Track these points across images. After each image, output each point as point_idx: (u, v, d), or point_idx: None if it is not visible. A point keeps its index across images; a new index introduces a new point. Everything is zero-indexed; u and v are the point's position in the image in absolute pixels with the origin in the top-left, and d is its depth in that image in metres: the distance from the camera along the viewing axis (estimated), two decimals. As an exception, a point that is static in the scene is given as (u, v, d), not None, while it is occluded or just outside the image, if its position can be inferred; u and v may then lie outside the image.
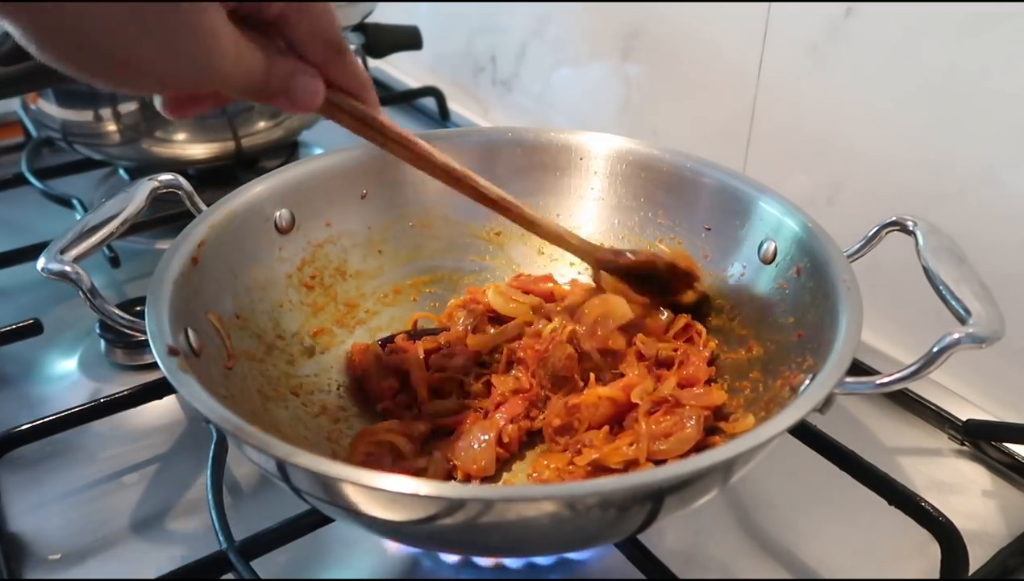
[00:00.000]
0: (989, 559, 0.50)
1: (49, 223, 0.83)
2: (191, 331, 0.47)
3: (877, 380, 0.43)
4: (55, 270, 0.47)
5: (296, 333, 0.58)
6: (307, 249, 0.61)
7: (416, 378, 0.58)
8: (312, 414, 0.55)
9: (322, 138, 1.03)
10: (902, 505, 0.50)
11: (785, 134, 0.77)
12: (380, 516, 0.39)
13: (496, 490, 0.40)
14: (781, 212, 0.56)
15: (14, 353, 0.66)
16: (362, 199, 0.64)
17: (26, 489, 0.56)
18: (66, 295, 0.68)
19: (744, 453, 0.38)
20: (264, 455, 0.37)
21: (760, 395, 0.52)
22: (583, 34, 0.97)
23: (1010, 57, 0.58)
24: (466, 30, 1.16)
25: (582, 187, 0.66)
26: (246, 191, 0.58)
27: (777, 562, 0.51)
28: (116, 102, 0.77)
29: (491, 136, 0.67)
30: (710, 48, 0.82)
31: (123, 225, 0.51)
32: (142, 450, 0.59)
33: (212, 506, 0.49)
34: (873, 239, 0.53)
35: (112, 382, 0.64)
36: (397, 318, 0.64)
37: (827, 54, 0.70)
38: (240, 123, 0.82)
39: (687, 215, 0.62)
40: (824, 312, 0.48)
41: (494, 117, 1.17)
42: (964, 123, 0.62)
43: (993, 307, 0.43)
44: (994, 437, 0.59)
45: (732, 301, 0.59)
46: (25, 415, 0.58)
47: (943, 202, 0.65)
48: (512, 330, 0.61)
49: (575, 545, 0.46)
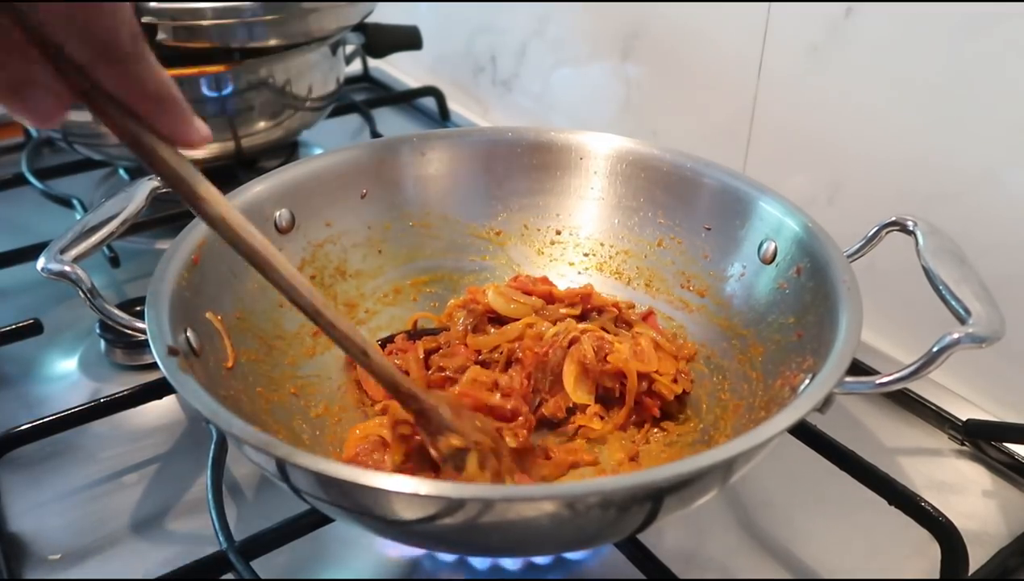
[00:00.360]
0: (989, 559, 0.50)
1: (49, 223, 0.83)
2: (191, 331, 0.47)
3: (877, 380, 0.43)
4: (55, 270, 0.47)
5: (296, 333, 0.58)
6: (307, 249, 0.61)
7: (416, 378, 0.58)
8: (312, 414, 0.55)
9: (322, 138, 1.03)
10: (902, 505, 0.50)
11: (785, 134, 0.77)
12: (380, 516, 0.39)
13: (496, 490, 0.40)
14: (781, 212, 0.56)
15: (14, 353, 0.66)
16: (362, 199, 0.64)
17: (26, 489, 0.56)
18: (66, 295, 0.69)
19: (744, 453, 0.38)
20: (264, 455, 0.37)
21: (760, 395, 0.52)
22: (583, 34, 0.97)
23: (1010, 57, 0.58)
24: (466, 30, 1.16)
25: (582, 187, 0.66)
26: (246, 191, 0.58)
27: (777, 562, 0.51)
28: (116, 102, 0.77)
29: (491, 136, 0.67)
30: (710, 48, 0.82)
31: (123, 225, 0.51)
32: (142, 450, 0.59)
33: (212, 506, 0.49)
34: (873, 239, 0.54)
35: (112, 382, 0.64)
36: (397, 318, 0.64)
37: (827, 54, 0.70)
38: (240, 123, 0.82)
39: (687, 215, 0.62)
40: (824, 312, 0.48)
41: (494, 117, 1.17)
42: (964, 123, 0.62)
43: (993, 307, 0.43)
44: (994, 437, 0.59)
45: (732, 301, 0.59)
46: (25, 415, 0.58)
47: (943, 202, 0.65)
48: (512, 331, 0.61)
49: (575, 545, 0.46)
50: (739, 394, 0.54)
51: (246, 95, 0.80)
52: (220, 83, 0.78)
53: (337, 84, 0.92)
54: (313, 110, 0.90)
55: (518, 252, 0.68)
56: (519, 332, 0.60)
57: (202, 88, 0.78)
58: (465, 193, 0.67)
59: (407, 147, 0.65)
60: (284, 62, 0.81)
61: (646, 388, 0.56)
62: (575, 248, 0.67)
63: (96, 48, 0.34)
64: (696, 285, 0.62)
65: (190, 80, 0.77)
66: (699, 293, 0.61)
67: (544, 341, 0.58)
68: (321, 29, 0.81)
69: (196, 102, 0.79)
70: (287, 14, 0.76)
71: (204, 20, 0.72)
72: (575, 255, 0.67)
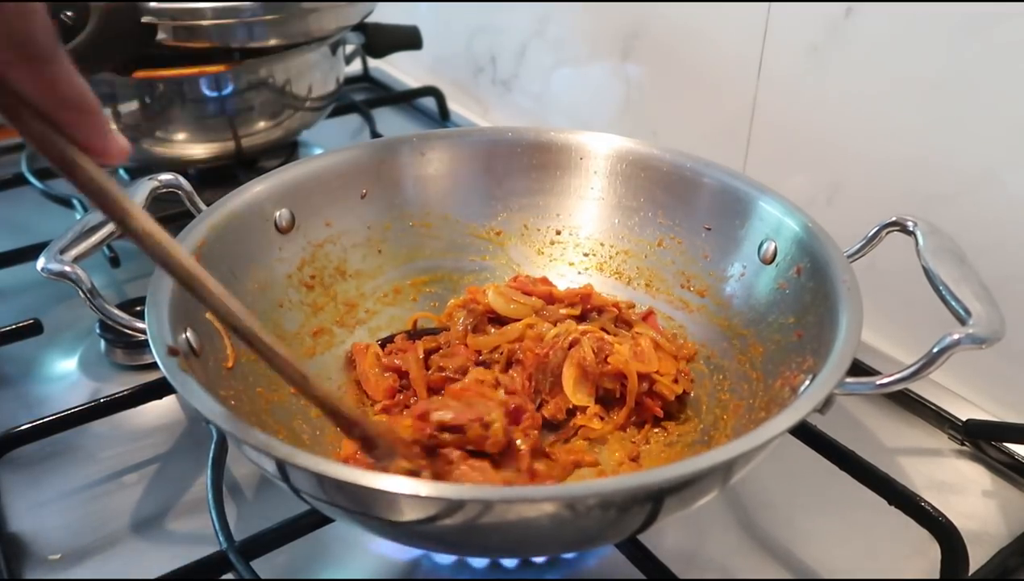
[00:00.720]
0: (989, 559, 0.50)
1: (49, 223, 0.83)
2: (191, 331, 0.47)
3: (877, 380, 0.43)
4: (55, 270, 0.47)
5: (296, 333, 0.58)
6: (307, 249, 0.61)
7: (416, 378, 0.58)
8: (312, 414, 0.55)
9: (322, 138, 1.03)
10: (902, 505, 0.50)
11: (785, 134, 0.77)
12: (380, 516, 0.39)
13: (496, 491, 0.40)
14: (781, 212, 0.56)
15: (14, 353, 0.66)
16: (362, 199, 0.64)
17: (26, 489, 0.56)
18: (66, 295, 0.69)
19: (744, 453, 0.38)
20: (264, 455, 0.37)
21: (760, 395, 0.52)
22: (583, 34, 0.97)
23: (1010, 57, 0.58)
24: (466, 30, 1.16)
25: (582, 187, 0.66)
26: (246, 191, 0.58)
27: (777, 562, 0.51)
28: (116, 102, 0.77)
29: (491, 136, 0.67)
30: (710, 48, 0.82)
31: (123, 225, 0.51)
32: (142, 450, 0.59)
33: (212, 506, 0.49)
34: (873, 239, 0.54)
35: (112, 382, 0.64)
36: (397, 318, 0.64)
37: (827, 54, 0.70)
38: (240, 123, 0.82)
39: (687, 215, 0.62)
40: (824, 312, 0.48)
41: (494, 117, 1.17)
42: (964, 123, 0.62)
43: (993, 308, 0.43)
44: (994, 437, 0.59)
45: (732, 301, 0.59)
46: (25, 415, 0.58)
47: (943, 202, 0.65)
48: (513, 331, 0.61)
49: (575, 545, 0.46)
50: (739, 394, 0.54)
51: (246, 95, 0.80)
52: (220, 83, 0.78)
53: (337, 84, 0.92)
54: (313, 110, 0.90)
55: (518, 252, 0.68)
56: (519, 333, 0.60)
57: (202, 88, 0.78)
58: (465, 193, 0.67)
59: (407, 147, 0.65)
60: (284, 62, 0.81)
61: (647, 388, 0.56)
62: (575, 248, 0.67)
63: (11, 47, 0.32)
64: (696, 285, 0.62)
65: (190, 80, 0.77)
66: (699, 293, 0.61)
67: (544, 342, 0.58)
68: (321, 29, 0.81)
69: (196, 102, 0.79)
70: (287, 14, 0.76)
71: (204, 20, 0.72)
72: (575, 255, 0.67)
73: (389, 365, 0.59)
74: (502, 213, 0.68)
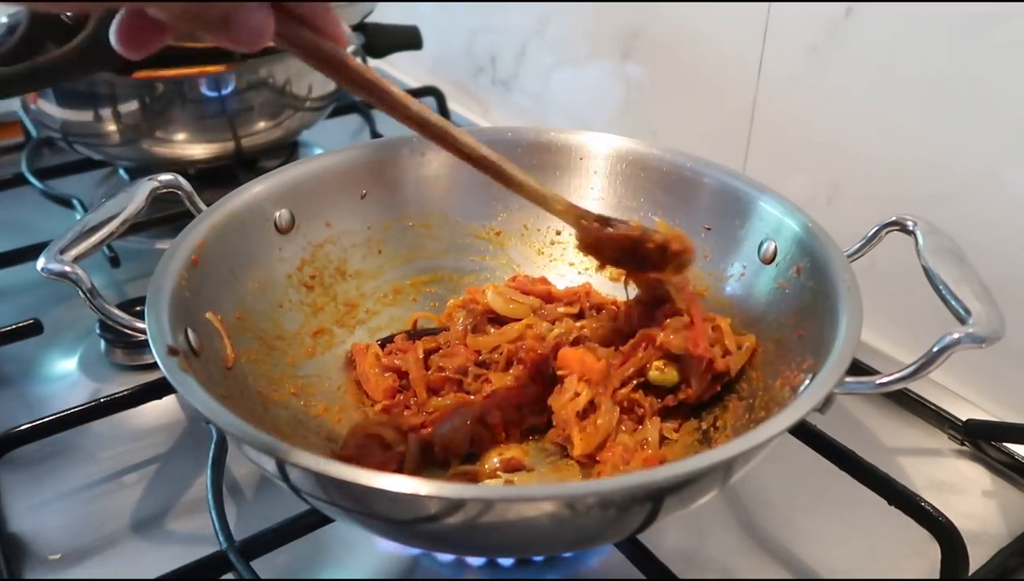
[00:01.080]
0: (989, 559, 0.50)
1: (49, 223, 0.83)
2: (191, 331, 0.47)
3: (877, 380, 0.43)
4: (55, 270, 0.47)
5: (296, 333, 0.58)
6: (307, 249, 0.61)
7: (415, 378, 0.58)
8: (312, 414, 0.55)
9: (322, 138, 1.03)
10: (902, 505, 0.50)
11: (785, 134, 0.77)
12: (380, 516, 0.39)
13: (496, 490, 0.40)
14: (781, 212, 0.56)
15: (14, 353, 0.66)
16: (362, 199, 0.64)
17: (26, 489, 0.56)
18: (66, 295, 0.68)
19: (744, 453, 0.38)
20: (264, 455, 0.37)
21: (760, 395, 0.52)
22: (583, 34, 0.97)
23: (1010, 57, 0.58)
24: (466, 30, 1.16)
25: (582, 187, 0.66)
26: (246, 191, 0.58)
27: (777, 562, 0.51)
28: (116, 102, 0.77)
29: (491, 136, 0.67)
30: (710, 48, 0.82)
31: (123, 225, 0.51)
32: (142, 450, 0.59)
33: (212, 506, 0.49)
34: (873, 239, 0.54)
35: (112, 382, 0.64)
36: (397, 318, 0.64)
37: (827, 54, 0.70)
38: (240, 123, 0.82)
39: (687, 215, 0.62)
40: (824, 312, 0.48)
41: (494, 117, 1.17)
42: (964, 123, 0.62)
43: (993, 307, 0.43)
44: (994, 437, 0.59)
45: (732, 300, 0.59)
46: (25, 415, 0.58)
47: (943, 202, 0.65)
48: (512, 331, 0.61)
49: (575, 545, 0.46)
50: (739, 394, 0.54)
51: (246, 95, 0.80)
52: (220, 83, 0.78)
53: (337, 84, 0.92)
54: (313, 110, 0.90)
55: (518, 252, 0.68)
56: (519, 333, 0.60)
57: (202, 88, 0.78)
58: (465, 193, 0.67)
59: (407, 147, 0.65)
60: (284, 62, 0.81)
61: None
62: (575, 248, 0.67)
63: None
64: (696, 285, 0.62)
65: (190, 80, 0.77)
66: (699, 293, 0.61)
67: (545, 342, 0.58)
68: (321, 29, 0.81)
69: (196, 102, 0.79)
70: (287, 14, 0.76)
71: (204, 20, 0.72)
72: (575, 255, 0.67)
73: (389, 365, 0.59)
74: (502, 213, 0.68)
